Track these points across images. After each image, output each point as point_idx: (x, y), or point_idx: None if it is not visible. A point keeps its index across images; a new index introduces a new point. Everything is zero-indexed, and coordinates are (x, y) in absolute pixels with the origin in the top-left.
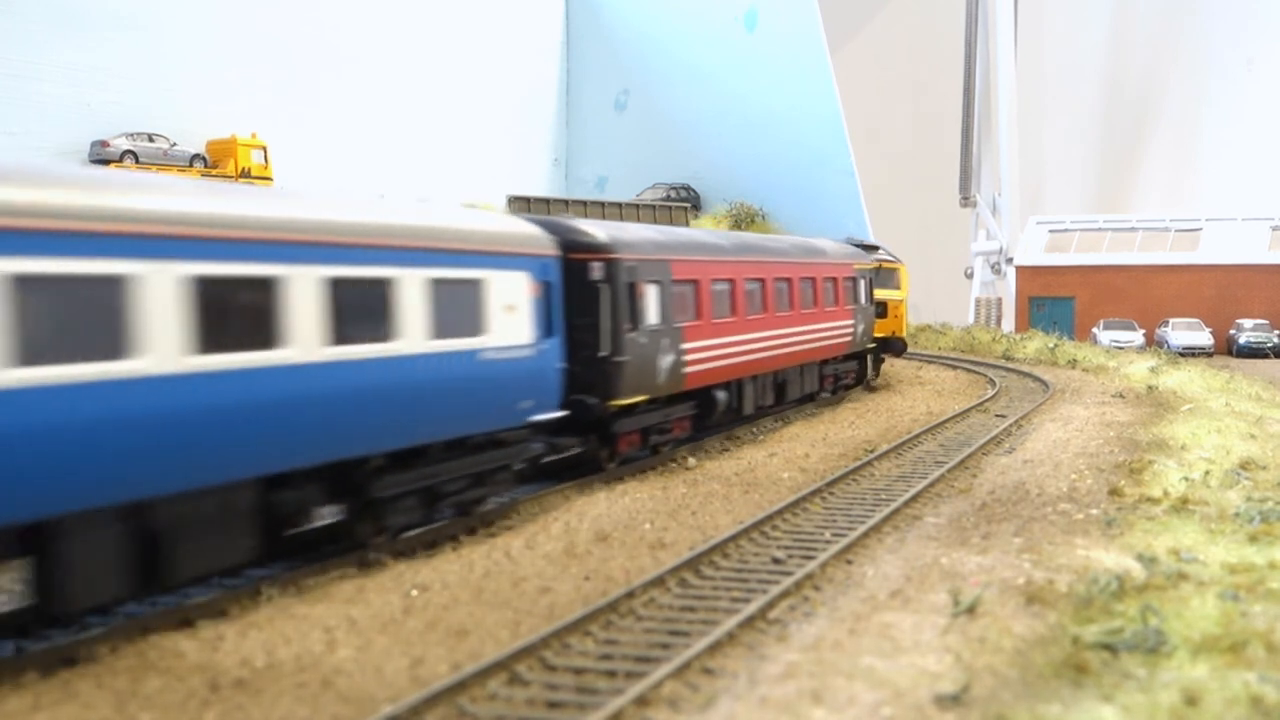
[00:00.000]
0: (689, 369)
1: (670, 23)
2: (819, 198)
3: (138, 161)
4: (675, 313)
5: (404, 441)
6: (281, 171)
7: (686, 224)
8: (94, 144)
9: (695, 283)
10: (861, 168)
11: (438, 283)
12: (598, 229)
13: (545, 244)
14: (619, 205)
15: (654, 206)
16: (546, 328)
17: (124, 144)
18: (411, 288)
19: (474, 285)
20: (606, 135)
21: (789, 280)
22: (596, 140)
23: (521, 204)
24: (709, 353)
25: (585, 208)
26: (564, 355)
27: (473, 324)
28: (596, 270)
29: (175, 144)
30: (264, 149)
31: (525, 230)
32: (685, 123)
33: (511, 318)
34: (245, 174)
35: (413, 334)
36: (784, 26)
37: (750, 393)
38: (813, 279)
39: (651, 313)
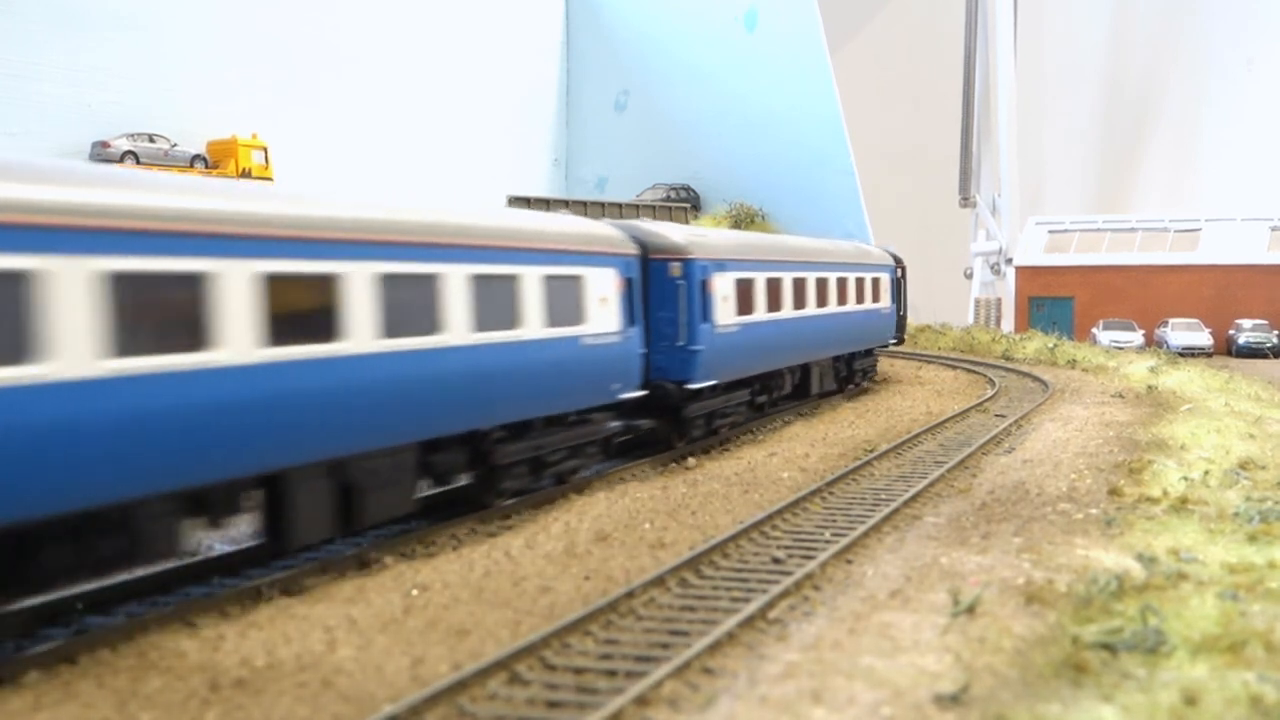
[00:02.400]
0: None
1: (670, 23)
2: (819, 198)
3: (138, 162)
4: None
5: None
6: (282, 172)
7: (686, 224)
8: (94, 144)
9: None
10: (861, 168)
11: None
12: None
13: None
14: (619, 205)
15: (654, 207)
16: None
17: (124, 144)
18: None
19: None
20: (606, 135)
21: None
22: (596, 140)
23: (521, 204)
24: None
25: (585, 208)
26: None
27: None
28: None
29: (176, 144)
30: (264, 149)
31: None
32: (685, 123)
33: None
34: (246, 174)
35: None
36: (784, 27)
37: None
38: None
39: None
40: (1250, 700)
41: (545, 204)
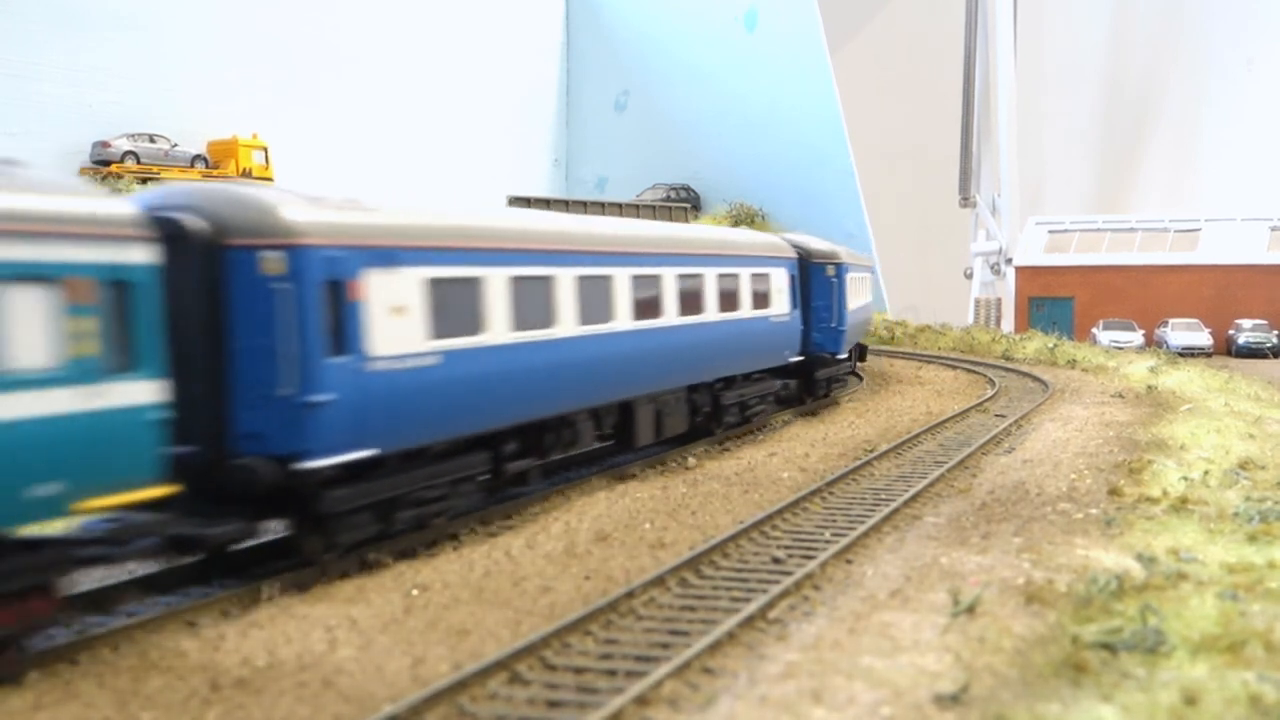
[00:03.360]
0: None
1: (670, 23)
2: (819, 198)
3: (139, 162)
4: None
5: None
6: (282, 172)
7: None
8: (95, 144)
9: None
10: (861, 168)
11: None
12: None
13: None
14: (619, 205)
15: (654, 207)
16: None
17: (125, 144)
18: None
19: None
20: (606, 136)
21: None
22: (596, 140)
23: (522, 205)
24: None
25: (585, 208)
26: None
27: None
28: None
29: (176, 144)
30: (265, 149)
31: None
32: (685, 123)
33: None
34: (246, 175)
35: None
36: (784, 27)
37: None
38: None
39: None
40: (1250, 700)
41: (545, 204)
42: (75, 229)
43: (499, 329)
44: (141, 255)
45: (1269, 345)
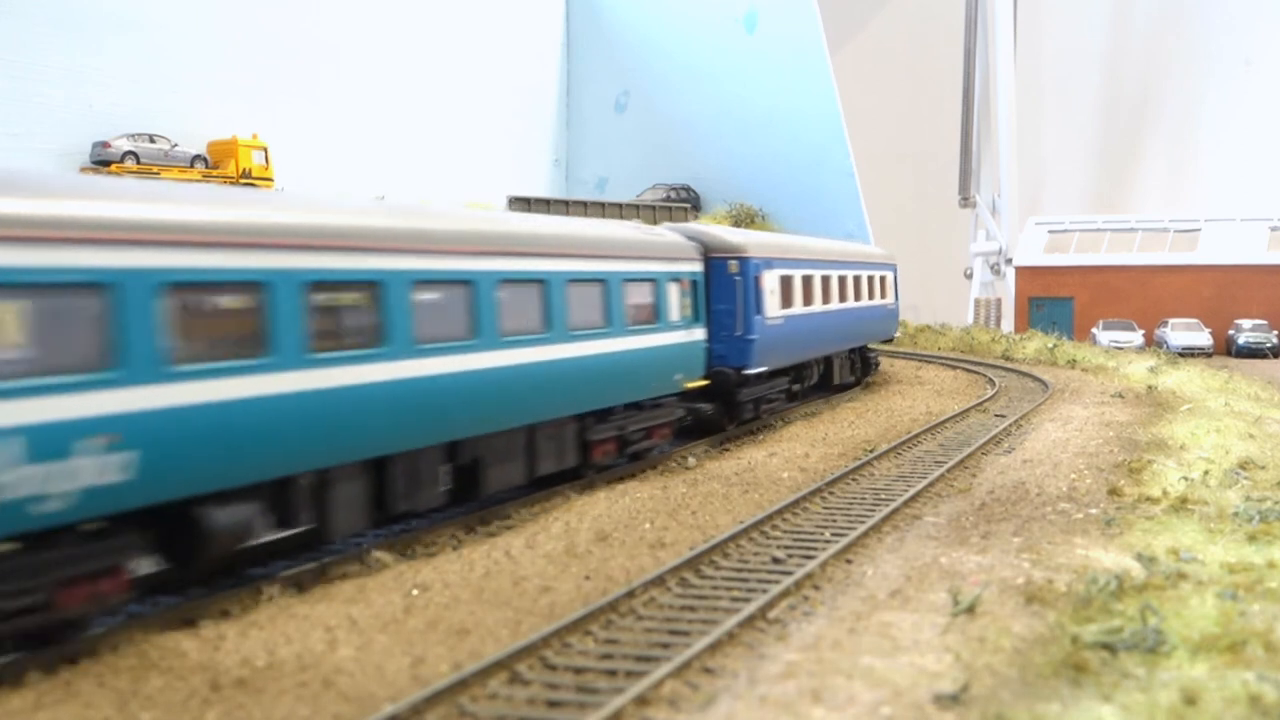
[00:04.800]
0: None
1: (670, 24)
2: (819, 198)
3: (139, 162)
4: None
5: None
6: (282, 173)
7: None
8: (95, 145)
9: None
10: (861, 168)
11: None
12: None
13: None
14: (619, 206)
15: (654, 207)
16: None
17: (125, 145)
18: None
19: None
20: (606, 136)
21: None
22: (597, 141)
23: (522, 205)
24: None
25: (585, 208)
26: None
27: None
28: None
29: (176, 145)
30: (265, 150)
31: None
32: (685, 123)
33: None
34: (246, 175)
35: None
36: (784, 28)
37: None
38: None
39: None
40: (1250, 700)
41: (545, 204)
42: (682, 254)
43: (798, 306)
44: (699, 267)
45: (1269, 345)
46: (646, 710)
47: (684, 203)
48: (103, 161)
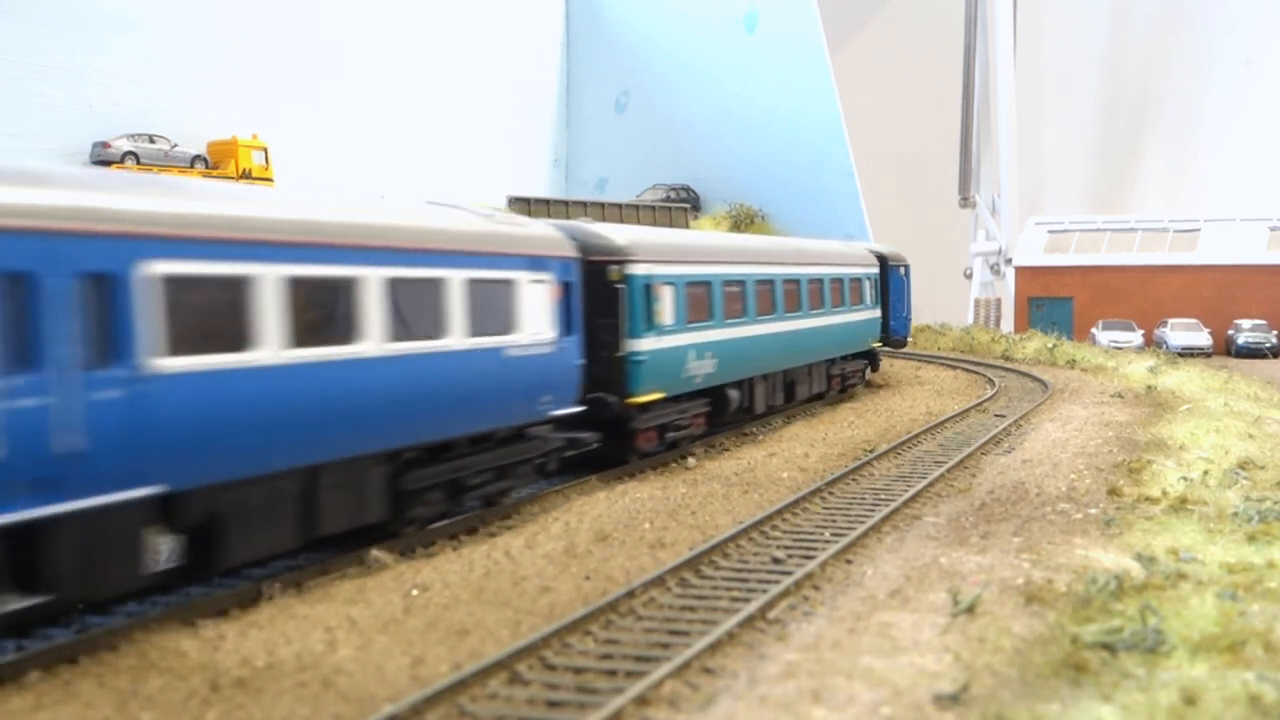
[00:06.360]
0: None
1: (670, 24)
2: (819, 198)
3: (139, 162)
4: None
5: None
6: (282, 172)
7: (686, 225)
8: (95, 145)
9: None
10: (861, 168)
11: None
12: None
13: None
14: (619, 206)
15: (654, 207)
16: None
17: (125, 145)
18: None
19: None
20: (606, 136)
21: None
22: (596, 141)
23: (521, 205)
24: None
25: (585, 208)
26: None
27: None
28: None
29: (176, 145)
30: (265, 150)
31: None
32: (685, 124)
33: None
34: (246, 175)
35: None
36: (784, 28)
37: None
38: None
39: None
40: (1249, 700)
41: (545, 204)
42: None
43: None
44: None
45: (1268, 345)
46: (646, 710)
47: (684, 203)
48: (103, 162)
